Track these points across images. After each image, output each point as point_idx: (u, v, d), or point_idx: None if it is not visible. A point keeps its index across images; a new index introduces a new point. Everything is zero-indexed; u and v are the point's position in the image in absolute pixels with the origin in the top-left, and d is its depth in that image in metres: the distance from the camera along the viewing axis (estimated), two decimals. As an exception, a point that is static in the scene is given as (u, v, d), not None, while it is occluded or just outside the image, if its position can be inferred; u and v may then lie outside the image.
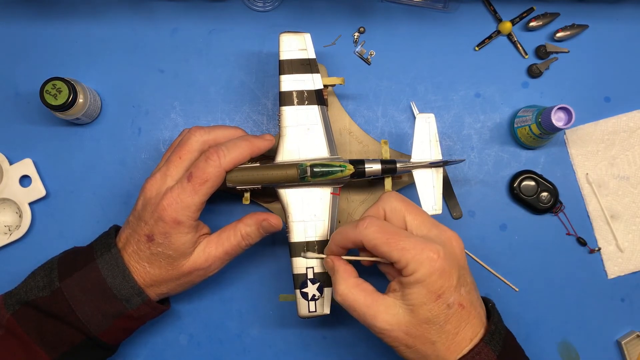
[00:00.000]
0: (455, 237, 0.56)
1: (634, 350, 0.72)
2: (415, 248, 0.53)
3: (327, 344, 0.73)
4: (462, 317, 0.54)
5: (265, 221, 0.63)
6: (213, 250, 0.62)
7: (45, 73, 0.69)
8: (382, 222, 0.55)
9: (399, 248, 0.53)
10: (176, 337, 0.73)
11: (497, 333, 0.56)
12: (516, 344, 0.59)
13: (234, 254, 0.64)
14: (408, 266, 0.53)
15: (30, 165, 0.72)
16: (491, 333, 0.55)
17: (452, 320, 0.54)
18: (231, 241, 0.63)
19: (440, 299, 0.53)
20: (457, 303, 0.54)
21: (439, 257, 0.53)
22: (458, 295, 0.54)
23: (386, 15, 0.76)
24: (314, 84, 0.65)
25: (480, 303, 0.58)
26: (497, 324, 0.56)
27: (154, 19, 0.75)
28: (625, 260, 0.74)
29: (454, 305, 0.54)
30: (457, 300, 0.54)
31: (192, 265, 0.61)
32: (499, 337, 0.55)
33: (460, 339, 0.54)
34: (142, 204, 0.60)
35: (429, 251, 0.53)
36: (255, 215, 0.63)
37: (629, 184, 0.74)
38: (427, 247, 0.53)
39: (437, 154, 0.64)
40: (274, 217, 0.63)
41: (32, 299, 0.60)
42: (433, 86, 0.75)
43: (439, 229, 0.56)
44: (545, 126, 0.67)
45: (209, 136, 0.61)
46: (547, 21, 0.75)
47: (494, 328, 0.56)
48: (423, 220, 0.57)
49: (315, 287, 0.63)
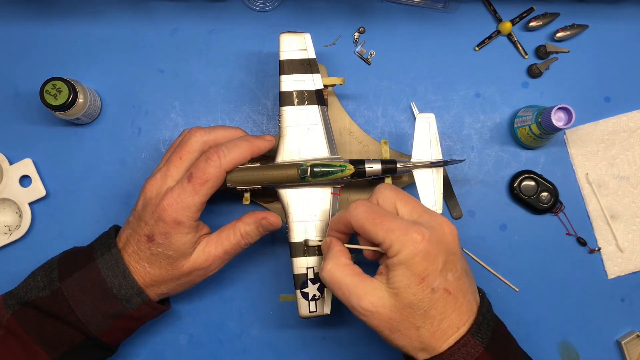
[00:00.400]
0: (446, 223, 0.55)
1: (634, 350, 0.72)
2: (400, 229, 0.53)
3: (327, 344, 0.73)
4: (447, 303, 0.53)
5: (264, 219, 0.63)
6: (213, 249, 0.62)
7: (45, 73, 0.69)
8: (371, 204, 0.56)
9: (384, 228, 0.53)
10: (176, 337, 0.73)
11: (484, 324, 0.55)
12: (506, 332, 0.58)
13: (233, 253, 0.64)
14: (392, 247, 0.53)
15: (30, 165, 0.72)
16: (478, 324, 0.54)
17: (436, 306, 0.53)
18: (230, 240, 0.63)
19: (424, 282, 0.52)
20: (442, 288, 0.53)
21: (424, 239, 0.52)
22: (443, 280, 0.53)
23: (386, 15, 0.76)
24: (314, 84, 0.65)
25: (473, 291, 0.57)
26: (485, 314, 0.56)
27: (154, 19, 0.75)
28: (625, 260, 0.74)
29: (439, 289, 0.53)
30: (442, 285, 0.53)
31: (192, 265, 0.61)
32: (487, 327, 0.55)
33: (446, 326, 0.53)
34: (142, 204, 0.60)
35: (413, 232, 0.52)
36: (254, 214, 0.63)
37: (629, 184, 0.74)
38: (412, 229, 0.53)
39: (437, 153, 0.64)
40: (273, 216, 0.63)
41: (32, 299, 0.60)
42: (433, 86, 0.75)
43: (431, 215, 0.56)
44: (545, 126, 0.67)
45: (209, 136, 0.61)
46: (547, 21, 0.75)
47: (481, 319, 0.55)
48: (414, 206, 0.56)
49: (315, 287, 0.63)
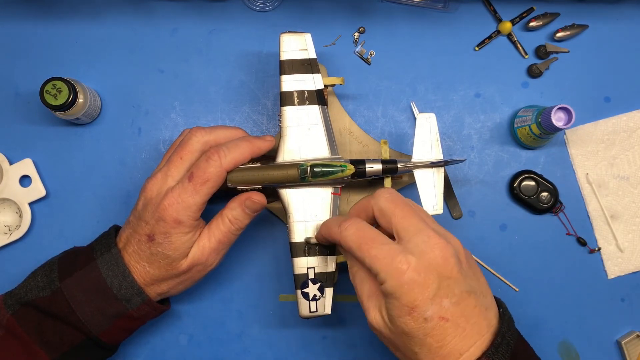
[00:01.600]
0: (439, 246, 0.51)
1: (634, 350, 0.72)
2: (386, 257, 0.50)
3: (327, 344, 0.73)
4: (446, 330, 0.50)
5: (247, 200, 0.61)
6: (206, 242, 0.62)
7: (45, 73, 0.69)
8: (362, 225, 0.54)
9: (371, 255, 0.51)
10: (176, 337, 0.73)
11: (503, 344, 0.51)
12: (526, 348, 0.55)
13: (227, 242, 0.63)
14: (379, 275, 0.51)
15: (30, 165, 0.72)
16: (496, 346, 0.51)
17: (433, 334, 0.50)
18: (221, 229, 0.62)
19: (414, 311, 0.50)
20: (437, 316, 0.50)
21: (409, 268, 0.49)
22: (438, 307, 0.50)
23: (386, 15, 0.76)
24: (315, 84, 0.65)
25: (484, 311, 0.52)
26: (504, 334, 0.52)
27: (154, 19, 0.75)
28: (625, 260, 0.74)
29: (433, 318, 0.50)
30: (437, 313, 0.50)
31: (190, 262, 0.61)
32: (505, 348, 0.51)
33: (446, 353, 0.51)
34: (142, 204, 0.60)
35: (398, 262, 0.50)
36: (237, 197, 0.62)
37: (629, 184, 0.74)
38: (397, 258, 0.50)
39: (437, 153, 0.64)
40: (256, 194, 0.61)
41: (32, 299, 0.60)
42: (433, 86, 0.75)
43: (425, 235, 0.52)
44: (545, 126, 0.67)
45: (210, 136, 0.61)
46: (547, 21, 0.75)
47: (499, 340, 0.51)
48: (409, 224, 0.53)
49: (316, 287, 0.63)
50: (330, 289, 0.64)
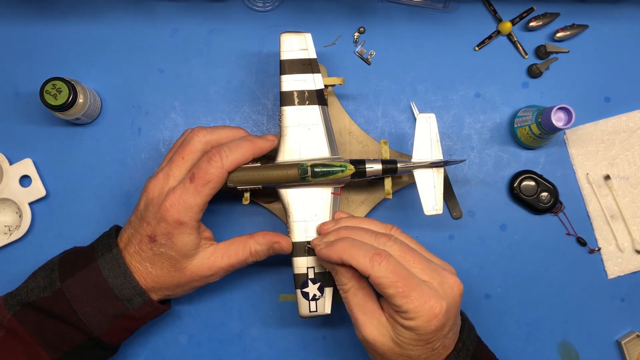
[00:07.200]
0: (457, 284, 0.56)
1: (634, 350, 0.72)
2: (419, 299, 0.53)
3: (327, 344, 0.73)
4: (441, 354, 0.57)
5: (277, 244, 0.63)
6: (219, 260, 0.62)
7: (45, 73, 0.69)
8: (397, 263, 0.54)
9: (404, 294, 0.53)
10: (176, 337, 0.73)
11: (464, 350, 0.58)
12: (486, 351, 0.62)
13: (238, 267, 0.64)
14: (407, 313, 0.53)
15: (30, 165, 0.72)
16: (457, 350, 0.57)
17: (432, 357, 0.56)
18: (239, 256, 0.63)
19: (428, 344, 0.55)
20: (442, 346, 0.56)
21: (441, 312, 0.53)
22: (445, 339, 0.56)
23: (386, 15, 0.76)
24: (315, 84, 0.65)
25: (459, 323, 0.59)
26: (465, 340, 0.58)
27: (154, 19, 0.75)
28: (625, 260, 0.74)
29: (439, 348, 0.56)
30: (442, 343, 0.56)
31: (195, 272, 0.62)
32: (465, 353, 0.58)
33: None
34: (144, 204, 0.60)
35: (431, 307, 0.53)
36: (268, 235, 0.63)
37: (629, 184, 0.74)
38: (430, 300, 0.53)
39: (437, 153, 0.64)
40: (285, 240, 0.63)
41: (33, 300, 0.60)
42: (433, 86, 0.75)
43: (440, 275, 0.56)
44: (545, 126, 0.67)
45: (211, 136, 0.61)
46: (547, 21, 0.75)
47: (460, 345, 0.58)
48: (422, 267, 0.56)
49: (316, 287, 0.63)
50: (330, 289, 0.64)
